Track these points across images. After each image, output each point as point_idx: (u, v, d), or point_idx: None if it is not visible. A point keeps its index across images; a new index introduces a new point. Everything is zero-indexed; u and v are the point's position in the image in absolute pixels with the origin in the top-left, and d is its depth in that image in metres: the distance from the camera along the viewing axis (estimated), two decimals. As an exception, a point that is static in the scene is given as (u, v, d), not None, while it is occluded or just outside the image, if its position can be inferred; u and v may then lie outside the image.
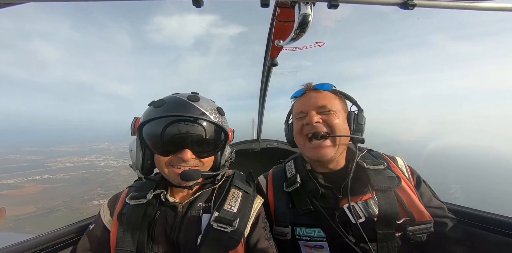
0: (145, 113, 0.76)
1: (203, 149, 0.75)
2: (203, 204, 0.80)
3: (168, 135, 0.71)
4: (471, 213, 0.98)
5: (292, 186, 0.91)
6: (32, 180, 73.75)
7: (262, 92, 1.80)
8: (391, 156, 0.98)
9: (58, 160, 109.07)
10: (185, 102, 0.73)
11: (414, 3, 0.47)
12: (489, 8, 0.50)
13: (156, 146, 0.74)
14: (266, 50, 1.14)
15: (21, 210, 48.79)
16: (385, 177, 0.85)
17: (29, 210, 48.06)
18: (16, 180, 72.19)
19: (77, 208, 50.64)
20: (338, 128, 0.84)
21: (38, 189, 66.16)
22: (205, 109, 0.74)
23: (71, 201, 54.91)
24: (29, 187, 67.08)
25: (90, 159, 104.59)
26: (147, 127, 0.74)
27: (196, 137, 0.72)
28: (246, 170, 1.01)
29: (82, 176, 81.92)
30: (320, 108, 0.87)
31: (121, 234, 0.72)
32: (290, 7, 0.57)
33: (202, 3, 0.46)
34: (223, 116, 0.81)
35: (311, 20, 0.53)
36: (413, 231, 0.78)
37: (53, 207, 50.53)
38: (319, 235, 0.83)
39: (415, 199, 0.82)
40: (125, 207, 0.79)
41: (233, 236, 0.71)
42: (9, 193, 61.23)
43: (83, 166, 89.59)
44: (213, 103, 0.82)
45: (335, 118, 0.85)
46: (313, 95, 0.91)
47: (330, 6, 0.46)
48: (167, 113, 0.71)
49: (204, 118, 0.73)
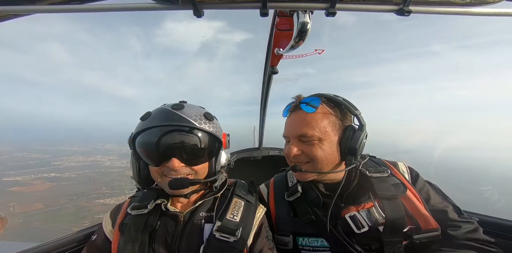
0: (136, 127, 0.78)
1: (191, 156, 0.74)
2: (205, 213, 0.80)
3: (154, 145, 0.72)
4: (480, 218, 0.95)
5: (294, 195, 0.91)
6: (39, 178, 75.80)
7: (263, 100, 1.80)
8: (393, 162, 0.98)
9: (64, 159, 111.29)
10: (169, 112, 0.74)
11: (410, 9, 0.48)
12: (483, 13, 0.51)
13: (146, 156, 0.76)
14: (266, 59, 1.16)
15: (29, 206, 50.38)
16: (389, 185, 0.84)
17: (37, 206, 49.66)
18: (24, 177, 74.27)
19: (84, 206, 51.98)
20: (319, 159, 0.80)
21: (46, 187, 68.02)
22: (188, 116, 0.74)
23: (77, 199, 56.36)
24: (37, 185, 69.01)
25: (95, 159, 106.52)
26: (138, 140, 0.76)
27: (182, 145, 0.72)
28: (247, 178, 1.03)
29: (87, 175, 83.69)
30: (300, 137, 0.82)
31: (122, 244, 0.73)
32: (289, 16, 0.59)
33: (202, 13, 0.49)
34: (211, 121, 0.79)
35: (309, 28, 0.55)
36: (420, 239, 0.76)
37: (60, 205, 52.01)
38: (322, 245, 0.83)
39: (419, 205, 0.81)
40: (127, 217, 0.80)
41: (235, 246, 0.71)
42: (17, 190, 63.13)
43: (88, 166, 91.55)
44: (201, 110, 0.81)
45: (316, 149, 0.80)
46: (296, 119, 0.85)
47: (328, 14, 0.48)
48: (151, 124, 0.73)
49: (188, 125, 0.72)
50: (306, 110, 0.82)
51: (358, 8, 0.50)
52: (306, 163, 0.84)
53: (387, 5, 0.49)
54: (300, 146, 0.83)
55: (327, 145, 0.80)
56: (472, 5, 0.50)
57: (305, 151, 0.82)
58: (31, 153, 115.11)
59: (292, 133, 0.85)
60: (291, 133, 0.85)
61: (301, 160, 0.84)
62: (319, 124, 0.80)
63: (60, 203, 53.67)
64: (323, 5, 0.49)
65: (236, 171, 0.96)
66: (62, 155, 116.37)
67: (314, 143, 0.80)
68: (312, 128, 0.80)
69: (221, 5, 0.50)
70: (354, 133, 0.81)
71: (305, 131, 0.80)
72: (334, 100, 0.85)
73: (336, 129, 0.83)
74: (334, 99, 0.85)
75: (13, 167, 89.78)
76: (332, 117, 0.82)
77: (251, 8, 0.50)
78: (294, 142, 0.84)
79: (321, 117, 0.81)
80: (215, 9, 0.51)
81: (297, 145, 0.83)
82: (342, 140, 0.81)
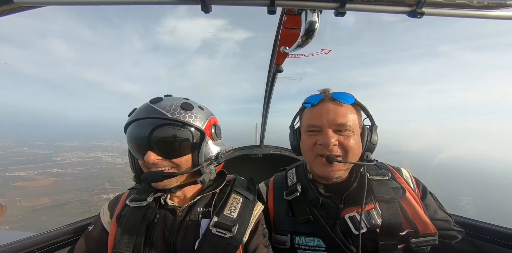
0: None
1: (165, 148, 0.73)
2: (203, 208, 0.82)
3: (131, 138, 0.75)
4: (479, 225, 0.97)
5: (292, 195, 0.93)
6: (42, 173, 77.82)
7: (267, 98, 1.81)
8: (396, 167, 0.99)
9: (65, 154, 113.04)
10: (145, 106, 0.76)
11: (423, 11, 0.47)
12: (498, 16, 0.49)
13: (131, 150, 0.79)
14: (271, 56, 1.16)
15: (36, 201, 52.48)
16: (389, 188, 0.86)
17: (43, 201, 51.82)
18: (28, 173, 76.25)
19: (89, 201, 54.10)
20: (354, 151, 0.82)
21: (50, 182, 70.08)
22: (162, 108, 0.73)
23: (81, 194, 58.53)
24: (40, 180, 71.00)
25: (95, 155, 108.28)
26: (126, 135, 0.79)
27: (155, 137, 0.72)
28: (247, 176, 1.04)
29: (89, 171, 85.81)
30: (338, 126, 0.82)
31: (119, 236, 0.75)
32: (296, 15, 0.59)
33: (210, 8, 0.48)
34: (190, 111, 0.77)
35: (317, 27, 0.54)
36: (417, 243, 0.78)
37: (65, 199, 54.12)
38: (318, 245, 0.84)
39: (419, 210, 0.83)
40: (125, 209, 0.82)
41: (231, 242, 0.73)
42: (22, 185, 65.18)
43: (90, 162, 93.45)
44: (180, 101, 0.79)
45: (352, 139, 0.82)
46: (332, 108, 0.85)
47: (337, 13, 0.48)
48: (130, 119, 0.75)
49: (159, 117, 0.72)
50: (344, 101, 0.85)
51: (369, 8, 0.49)
52: (338, 156, 0.83)
53: (399, 7, 0.49)
54: (336, 136, 0.83)
55: (357, 138, 0.85)
56: (489, 8, 0.49)
57: (342, 141, 0.82)
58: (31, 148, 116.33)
59: (329, 121, 0.83)
60: (329, 121, 0.83)
61: (336, 151, 0.82)
62: (352, 117, 0.85)
63: (65, 198, 55.76)
64: (332, 5, 0.49)
65: (236, 168, 0.93)
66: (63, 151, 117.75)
67: (350, 134, 0.83)
68: (349, 118, 0.83)
69: (229, 1, 0.50)
70: (371, 131, 0.88)
71: (345, 120, 0.82)
72: (358, 102, 0.91)
73: (360, 125, 0.89)
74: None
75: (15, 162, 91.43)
76: (356, 115, 0.89)
77: (259, 5, 0.50)
78: (330, 131, 0.83)
79: (353, 111, 0.87)
80: (223, 5, 0.51)
81: (335, 135, 0.83)
82: (363, 137, 0.87)
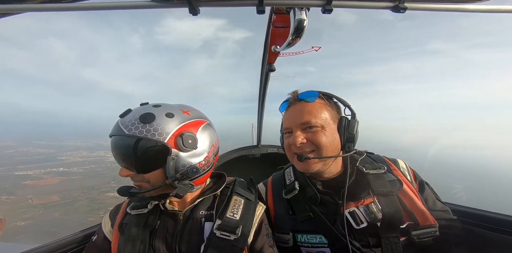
0: None
1: (132, 165, 0.73)
2: (205, 211, 0.83)
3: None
4: (478, 213, 0.99)
5: (291, 193, 0.95)
6: (49, 172, 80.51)
7: (261, 98, 1.84)
8: (392, 159, 1.01)
9: (69, 154, 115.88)
10: (116, 122, 0.75)
11: (405, 6, 0.49)
12: (479, 10, 0.51)
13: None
14: (263, 56, 1.17)
15: (46, 199, 55.04)
16: (386, 181, 0.88)
17: (53, 199, 54.34)
18: (35, 172, 78.99)
19: (97, 198, 56.60)
20: (324, 146, 0.84)
21: (57, 181, 72.75)
22: (123, 123, 0.72)
23: (89, 192, 61.05)
24: (48, 179, 73.70)
25: (98, 154, 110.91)
26: None
27: (119, 154, 0.73)
28: (246, 176, 1.06)
29: (94, 170, 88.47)
30: (303, 125, 0.86)
31: (122, 244, 0.75)
32: (285, 13, 0.60)
33: (198, 11, 0.49)
34: (148, 124, 0.71)
35: (306, 25, 0.56)
36: (418, 235, 0.80)
37: (74, 197, 56.60)
38: (320, 241, 0.86)
39: (418, 202, 0.84)
40: (126, 216, 0.83)
41: (236, 244, 0.74)
42: (31, 184, 67.86)
43: (94, 161, 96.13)
44: (141, 112, 0.74)
45: (321, 135, 0.85)
46: (298, 109, 0.90)
47: (324, 10, 0.50)
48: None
49: (119, 134, 0.71)
50: (308, 100, 0.90)
51: (354, 5, 0.51)
52: (311, 152, 0.87)
53: (383, 2, 0.51)
54: (304, 135, 0.87)
55: (329, 132, 0.87)
56: (467, 2, 0.51)
57: (310, 138, 0.86)
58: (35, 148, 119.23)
59: (295, 122, 0.89)
60: (294, 123, 0.89)
61: (306, 148, 0.87)
62: (320, 112, 0.87)
63: (74, 196, 58.24)
64: (319, 2, 0.50)
65: (234, 169, 0.96)
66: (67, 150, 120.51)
67: (318, 130, 0.86)
68: (315, 116, 0.86)
69: (218, 3, 0.51)
70: (349, 121, 0.90)
71: (308, 118, 0.86)
72: (327, 93, 0.94)
73: (334, 118, 0.90)
74: (326, 93, 0.94)
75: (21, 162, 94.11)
76: (329, 108, 0.91)
77: (247, 6, 0.51)
78: (298, 131, 0.88)
79: (320, 106, 0.89)
80: (212, 7, 0.51)
81: (302, 134, 0.87)
82: (340, 129, 0.89)
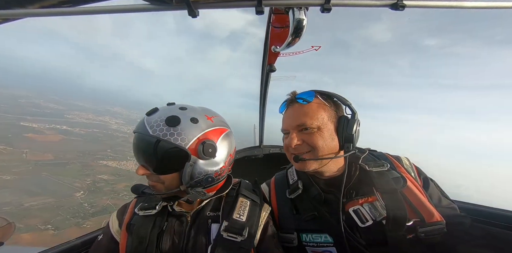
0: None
1: (150, 165, 0.73)
2: (212, 213, 0.83)
3: (132, 150, 0.76)
4: (486, 210, 0.96)
5: (295, 193, 0.94)
6: (52, 128, 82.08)
7: (262, 98, 1.85)
8: (396, 156, 0.99)
9: (76, 113, 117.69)
10: (141, 119, 0.76)
11: (404, 3, 0.50)
12: (477, 6, 0.53)
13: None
14: (263, 56, 1.19)
15: (41, 156, 55.57)
16: (389, 179, 0.86)
17: (47, 157, 54.88)
18: (39, 125, 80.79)
19: (89, 165, 56.57)
20: (320, 147, 0.84)
21: (58, 139, 74.01)
22: (148, 122, 0.72)
23: (83, 157, 61.31)
24: (49, 135, 75.08)
25: (104, 119, 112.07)
26: None
27: (140, 152, 0.73)
28: (249, 177, 1.07)
29: (95, 134, 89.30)
30: (299, 127, 0.87)
31: (130, 244, 0.75)
32: (284, 13, 0.61)
33: (197, 12, 0.51)
34: (173, 128, 0.71)
35: (305, 25, 0.57)
36: (425, 233, 0.77)
37: (68, 159, 56.87)
38: (326, 241, 0.85)
39: (423, 199, 0.82)
40: (134, 217, 0.83)
41: (243, 246, 0.73)
42: (32, 137, 69.08)
43: (97, 125, 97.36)
44: (169, 113, 0.74)
45: (316, 137, 0.84)
46: (295, 110, 0.90)
47: (323, 10, 0.50)
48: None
49: (142, 132, 0.72)
50: (302, 103, 0.89)
51: (353, 3, 0.52)
52: (307, 152, 0.87)
53: (382, 0, 0.51)
54: (300, 136, 0.87)
55: (326, 133, 0.85)
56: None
57: (305, 140, 0.86)
58: (47, 102, 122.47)
59: (291, 124, 0.89)
60: (290, 125, 0.89)
61: (302, 150, 0.87)
62: (316, 113, 0.86)
63: (68, 157, 58.56)
64: (318, 1, 0.51)
65: (237, 170, 1.00)
66: (75, 109, 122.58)
67: (314, 131, 0.85)
68: (310, 117, 0.85)
69: (216, 5, 0.51)
70: (348, 121, 0.87)
71: (304, 120, 0.85)
72: (326, 93, 0.92)
73: (332, 118, 0.88)
74: (326, 92, 0.92)
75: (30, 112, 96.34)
76: (327, 108, 0.89)
77: (246, 7, 0.51)
78: (294, 132, 0.88)
79: (317, 107, 0.88)
80: (210, 9, 0.52)
81: (298, 135, 0.87)
82: (338, 129, 0.87)
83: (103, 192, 42.98)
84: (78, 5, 0.50)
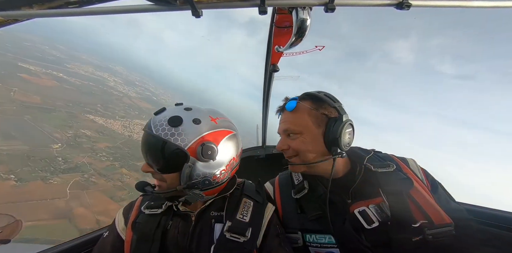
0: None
1: (153, 163, 0.76)
2: (216, 212, 0.84)
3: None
4: (494, 214, 0.98)
5: (301, 193, 0.95)
6: (49, 73, 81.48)
7: (265, 98, 1.81)
8: (402, 157, 0.99)
9: (77, 64, 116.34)
10: (151, 118, 0.78)
11: (410, 3, 0.50)
12: (484, 6, 0.53)
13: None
14: (266, 57, 1.19)
15: (28, 97, 55.11)
16: (396, 180, 0.85)
17: (35, 99, 54.53)
18: (36, 68, 79.96)
19: (75, 116, 56.53)
20: (303, 151, 0.87)
21: (51, 84, 73.65)
22: (154, 122, 0.74)
23: (72, 107, 61.27)
24: (44, 79, 74.41)
25: (103, 75, 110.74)
26: None
27: (144, 150, 0.76)
28: (252, 177, 1.08)
29: (90, 87, 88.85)
30: (285, 132, 0.92)
31: (135, 243, 0.77)
32: (287, 13, 0.63)
33: (201, 13, 0.53)
34: (175, 128, 0.72)
35: (309, 25, 0.57)
36: (433, 235, 0.76)
37: (55, 106, 56.66)
38: (330, 242, 0.85)
39: (430, 200, 0.82)
40: (140, 215, 0.84)
41: (246, 246, 0.74)
42: (26, 77, 68.68)
43: (95, 79, 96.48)
44: (173, 112, 0.76)
45: (298, 142, 0.88)
46: (283, 117, 0.96)
47: (327, 10, 0.50)
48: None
49: (148, 132, 0.74)
50: (288, 110, 0.93)
51: (358, 3, 0.52)
52: (294, 156, 0.92)
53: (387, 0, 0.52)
54: (287, 141, 0.92)
55: (309, 138, 0.88)
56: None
57: (290, 145, 0.91)
58: (51, 49, 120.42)
59: (279, 130, 0.97)
60: (280, 130, 0.97)
61: (290, 154, 0.92)
62: (299, 119, 0.90)
63: (55, 105, 58.40)
64: (321, 1, 0.51)
65: (240, 170, 1.01)
66: (76, 61, 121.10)
67: (297, 137, 0.89)
68: (294, 124, 0.90)
69: (220, 5, 0.52)
70: (334, 124, 0.85)
71: (286, 126, 0.91)
72: (315, 96, 0.92)
73: (318, 122, 0.88)
74: (315, 95, 0.92)
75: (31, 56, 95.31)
76: (313, 112, 0.89)
77: (249, 7, 0.52)
78: (283, 138, 0.94)
79: (301, 113, 0.90)
80: (214, 9, 0.53)
81: (285, 140, 0.93)
82: (325, 132, 0.87)
83: (82, 149, 41.68)
84: (84, 6, 0.53)
